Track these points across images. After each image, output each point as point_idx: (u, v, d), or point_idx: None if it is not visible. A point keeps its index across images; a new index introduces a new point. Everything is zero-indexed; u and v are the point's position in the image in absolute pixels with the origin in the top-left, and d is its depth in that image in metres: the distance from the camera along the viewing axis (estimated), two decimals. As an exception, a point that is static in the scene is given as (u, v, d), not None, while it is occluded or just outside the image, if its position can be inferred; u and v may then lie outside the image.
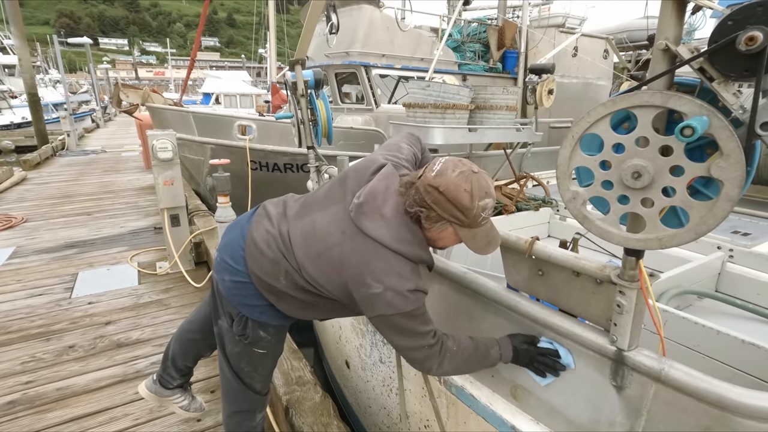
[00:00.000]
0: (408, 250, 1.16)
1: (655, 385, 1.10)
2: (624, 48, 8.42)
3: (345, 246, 1.17)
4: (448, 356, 1.22)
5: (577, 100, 7.51)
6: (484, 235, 1.17)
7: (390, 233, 1.15)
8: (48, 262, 4.16)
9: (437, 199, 1.10)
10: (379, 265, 1.14)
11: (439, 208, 1.11)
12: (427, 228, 1.18)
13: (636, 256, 1.00)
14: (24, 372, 2.53)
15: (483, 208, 1.11)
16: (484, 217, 1.13)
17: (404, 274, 1.14)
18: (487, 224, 1.16)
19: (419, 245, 1.19)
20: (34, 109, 11.01)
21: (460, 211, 1.10)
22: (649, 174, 0.89)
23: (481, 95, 3.71)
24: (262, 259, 1.30)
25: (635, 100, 0.87)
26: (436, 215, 1.13)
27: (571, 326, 1.25)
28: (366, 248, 1.15)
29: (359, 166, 1.32)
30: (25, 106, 14.22)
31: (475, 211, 1.10)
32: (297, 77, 2.39)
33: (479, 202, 1.10)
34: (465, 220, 1.12)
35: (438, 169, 1.12)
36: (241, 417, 1.64)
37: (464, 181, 1.10)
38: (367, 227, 1.15)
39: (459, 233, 1.16)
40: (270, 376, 1.62)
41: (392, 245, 1.14)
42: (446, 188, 1.09)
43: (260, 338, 1.43)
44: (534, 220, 3.57)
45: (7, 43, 23.33)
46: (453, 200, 1.09)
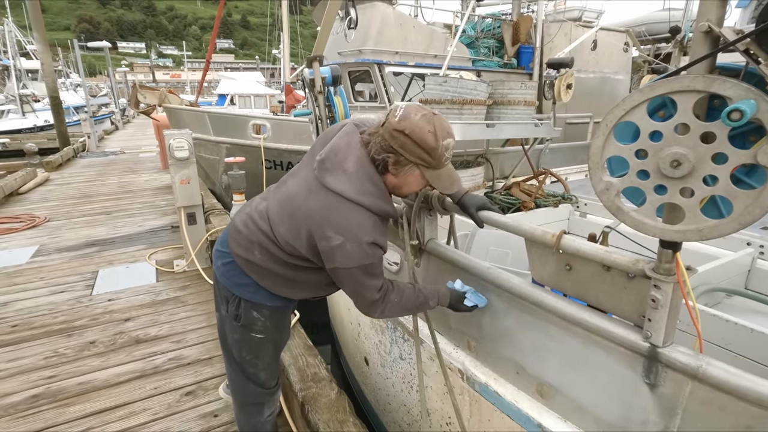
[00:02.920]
0: (371, 202, 1.20)
1: (691, 383, 1.06)
2: (643, 41, 8.23)
3: (310, 201, 1.22)
4: (389, 306, 1.33)
5: (595, 95, 7.36)
6: (448, 175, 1.21)
7: (352, 186, 1.19)
8: (69, 260, 4.24)
9: (404, 143, 1.14)
10: (340, 218, 1.18)
11: (406, 151, 1.15)
12: (395, 173, 1.21)
13: (673, 248, 0.96)
14: (47, 367, 2.58)
15: (446, 147, 1.16)
16: (447, 157, 1.18)
17: (364, 227, 1.19)
18: (449, 164, 1.22)
19: (382, 198, 1.23)
20: (56, 112, 11.27)
21: (426, 152, 1.14)
22: (690, 162, 0.85)
23: (498, 90, 3.66)
24: (239, 237, 1.40)
25: (675, 86, 0.83)
26: (404, 159, 1.16)
27: (601, 322, 1.21)
28: (328, 201, 1.19)
29: (325, 131, 1.39)
30: (47, 109, 14.62)
31: (440, 151, 1.15)
32: (315, 74, 2.38)
33: (443, 141, 1.15)
34: (431, 161, 1.16)
35: (401, 114, 1.15)
36: (248, 411, 1.66)
37: (427, 122, 1.14)
38: (329, 182, 1.20)
39: (426, 175, 1.20)
40: (274, 368, 1.62)
41: (354, 197, 1.18)
42: (411, 131, 1.13)
43: (254, 320, 1.46)
44: (553, 217, 3.51)
45: (30, 49, 23.99)
46: (419, 142, 1.13)
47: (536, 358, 1.42)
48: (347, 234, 1.17)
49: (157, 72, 63.51)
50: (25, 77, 21.45)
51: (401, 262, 2.06)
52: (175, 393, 2.35)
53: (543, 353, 1.40)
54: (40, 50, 10.92)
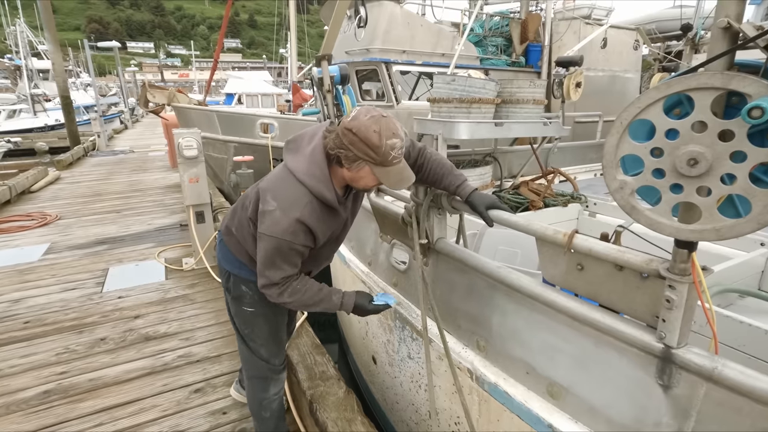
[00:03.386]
0: (312, 183, 1.33)
1: (706, 384, 1.04)
2: (653, 39, 8.13)
3: (272, 171, 1.43)
4: (288, 292, 1.42)
5: (604, 93, 7.29)
6: (397, 173, 1.30)
7: (302, 166, 1.34)
8: (80, 258, 4.29)
9: (352, 140, 1.24)
10: (282, 188, 1.35)
11: (354, 147, 1.25)
12: (348, 168, 1.32)
13: (688, 248, 0.95)
14: (58, 363, 2.61)
15: (391, 146, 1.24)
16: (394, 156, 1.26)
17: (299, 203, 1.32)
18: (399, 164, 1.30)
19: (324, 183, 1.34)
20: (66, 112, 11.40)
21: (371, 149, 1.24)
22: (707, 161, 0.84)
23: (507, 89, 3.64)
24: (228, 217, 1.62)
25: (692, 83, 0.81)
26: (352, 155, 1.27)
27: (613, 322, 1.19)
28: (280, 174, 1.38)
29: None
30: (58, 108, 14.80)
31: (384, 149, 1.24)
32: (323, 73, 2.38)
33: (387, 141, 1.23)
34: (377, 157, 1.25)
35: (353, 115, 1.26)
36: (254, 383, 1.78)
37: (374, 123, 1.24)
38: (287, 160, 1.37)
39: (374, 171, 1.29)
40: (273, 346, 1.73)
41: (299, 176, 1.33)
42: (358, 129, 1.23)
43: (243, 293, 1.63)
44: (562, 216, 3.48)
45: (41, 49, 24.28)
46: (364, 139, 1.23)
47: (547, 358, 1.40)
48: (281, 203, 1.32)
49: (165, 71, 64.00)
50: (37, 77, 21.72)
51: (410, 261, 2.06)
52: (184, 390, 2.37)
53: (554, 353, 1.38)
54: (51, 50, 11.05)
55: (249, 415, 2.19)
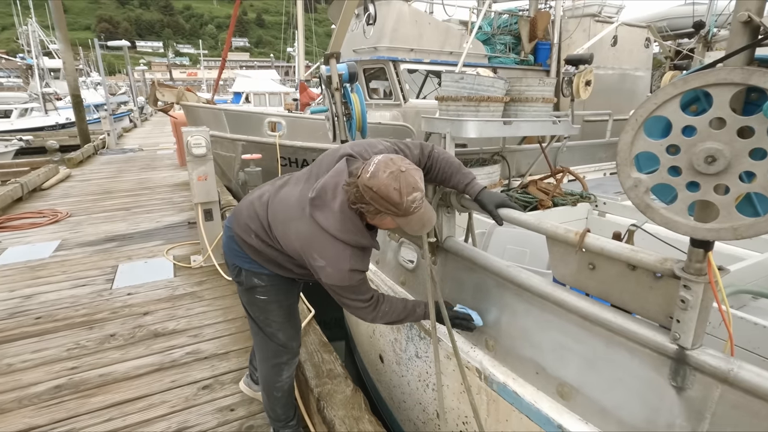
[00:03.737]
0: (349, 238, 1.38)
1: (721, 386, 1.02)
2: (664, 37, 8.02)
3: (302, 223, 1.42)
4: (380, 315, 1.53)
5: (614, 92, 7.21)
6: (418, 219, 1.32)
7: (335, 225, 1.37)
8: (90, 255, 4.33)
9: (372, 196, 1.27)
10: (324, 246, 1.39)
11: (375, 203, 1.28)
12: (370, 219, 1.37)
13: (705, 247, 0.93)
14: (69, 358, 2.64)
15: (412, 201, 1.27)
16: (415, 206, 1.28)
17: (343, 256, 1.38)
18: (420, 210, 1.31)
19: (360, 234, 1.40)
20: (77, 110, 11.52)
21: (392, 205, 1.27)
22: (725, 158, 0.82)
23: (516, 87, 3.61)
24: (240, 219, 1.61)
25: (711, 78, 0.80)
26: (374, 209, 1.30)
27: (625, 323, 1.18)
28: (317, 231, 1.39)
29: (331, 151, 1.55)
30: (68, 107, 14.97)
31: (405, 205, 1.26)
32: (332, 71, 2.38)
33: (407, 197, 1.26)
34: (398, 211, 1.28)
35: (371, 171, 1.27)
36: (269, 369, 1.81)
37: (394, 180, 1.25)
38: (318, 217, 1.38)
39: (396, 220, 1.33)
40: (289, 329, 1.77)
41: (336, 234, 1.37)
42: (378, 188, 1.25)
43: (255, 285, 1.65)
44: (571, 216, 3.45)
45: (52, 48, 24.57)
46: (385, 198, 1.25)
47: (557, 358, 1.39)
48: (328, 260, 1.38)
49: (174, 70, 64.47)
50: (48, 76, 21.98)
51: (417, 259, 2.05)
52: (192, 386, 2.38)
53: (564, 353, 1.37)
54: (62, 50, 11.17)
55: (257, 412, 2.21)
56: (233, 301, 3.34)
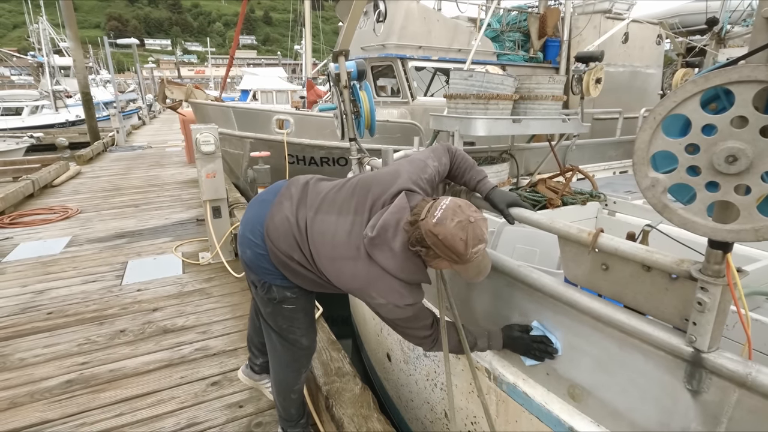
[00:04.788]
0: (409, 278, 1.34)
1: (738, 390, 1.00)
2: (676, 34, 7.90)
3: (358, 264, 1.35)
4: (437, 346, 1.49)
5: (624, 89, 7.12)
6: (475, 266, 1.27)
7: (396, 265, 1.31)
8: (100, 251, 4.38)
9: (436, 242, 1.22)
10: (383, 286, 1.33)
11: (437, 249, 1.23)
12: (426, 261, 1.32)
13: (723, 249, 0.91)
14: (80, 353, 2.67)
15: (475, 252, 1.22)
16: (477, 257, 1.24)
17: (403, 294, 1.34)
18: (478, 257, 1.25)
19: (419, 273, 1.36)
20: (87, 108, 11.62)
21: (455, 255, 1.22)
22: (747, 157, 0.80)
23: (525, 85, 3.57)
24: (278, 241, 1.47)
25: (733, 76, 0.78)
26: (434, 253, 1.25)
27: (639, 324, 1.16)
28: (375, 271, 1.33)
29: (383, 179, 1.44)
30: (78, 104, 15.09)
31: (468, 256, 1.22)
32: (340, 68, 2.37)
33: (472, 249, 1.21)
34: (459, 260, 1.24)
35: (438, 217, 1.21)
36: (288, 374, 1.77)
37: (461, 230, 1.20)
38: (377, 257, 1.32)
39: (453, 266, 1.29)
40: (310, 329, 1.74)
41: (397, 274, 1.32)
42: (444, 237, 1.20)
43: (286, 298, 1.59)
44: (580, 215, 3.42)
45: (63, 46, 24.79)
46: (450, 247, 1.21)
47: (568, 359, 1.38)
48: (388, 298, 1.33)
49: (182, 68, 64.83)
50: (58, 74, 22.19)
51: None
52: (201, 383, 2.40)
53: (575, 355, 1.36)
54: (72, 48, 11.27)
55: (265, 408, 2.21)
56: (241, 298, 3.36)
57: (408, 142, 5.05)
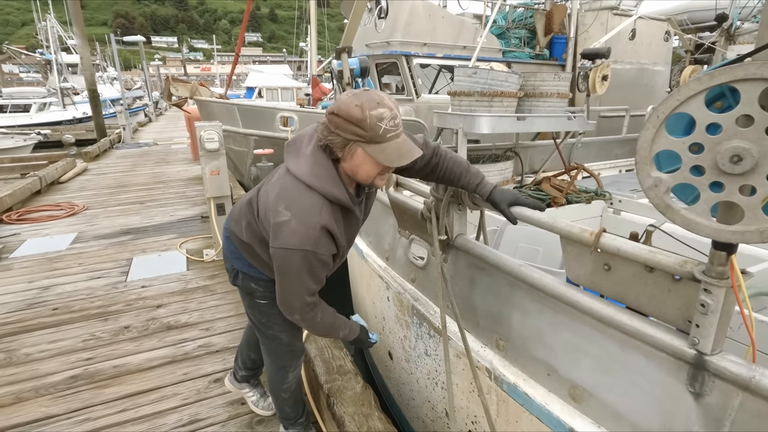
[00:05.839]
0: (319, 184, 1.24)
1: (742, 394, 0.99)
2: (684, 30, 7.80)
3: (275, 180, 1.35)
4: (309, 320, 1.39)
5: (631, 87, 7.05)
6: (395, 148, 1.20)
7: (305, 168, 1.26)
8: (106, 247, 4.41)
9: (336, 122, 1.18)
10: (292, 196, 1.25)
11: (341, 130, 1.18)
12: (342, 157, 1.24)
13: (727, 250, 0.90)
14: (85, 349, 2.69)
15: (378, 117, 1.15)
16: (385, 128, 1.17)
17: (314, 208, 1.23)
18: (396, 139, 1.20)
19: (331, 181, 1.26)
20: (93, 105, 11.69)
21: (356, 125, 1.16)
22: (753, 157, 0.78)
23: (530, 82, 3.55)
24: (234, 212, 1.56)
25: (739, 74, 0.76)
26: (341, 139, 1.19)
27: (641, 326, 1.15)
28: (287, 180, 1.28)
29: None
30: (85, 102, 15.22)
31: (369, 121, 1.15)
32: (343, 65, 2.36)
33: (371, 112, 1.15)
34: (365, 133, 1.16)
35: (337, 99, 1.23)
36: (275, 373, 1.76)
37: (355, 98, 1.17)
38: (289, 164, 1.30)
39: (367, 151, 1.19)
40: (291, 329, 1.69)
41: (305, 179, 1.24)
42: (340, 109, 1.17)
43: (254, 290, 1.58)
44: (585, 214, 3.40)
45: (70, 44, 24.97)
46: (347, 117, 1.16)
47: (569, 360, 1.36)
48: (295, 211, 1.23)
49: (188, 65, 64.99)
50: (66, 71, 22.37)
51: (428, 257, 2.03)
52: (204, 379, 2.41)
53: (577, 355, 1.34)
54: (79, 45, 11.32)
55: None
56: (244, 295, 3.37)
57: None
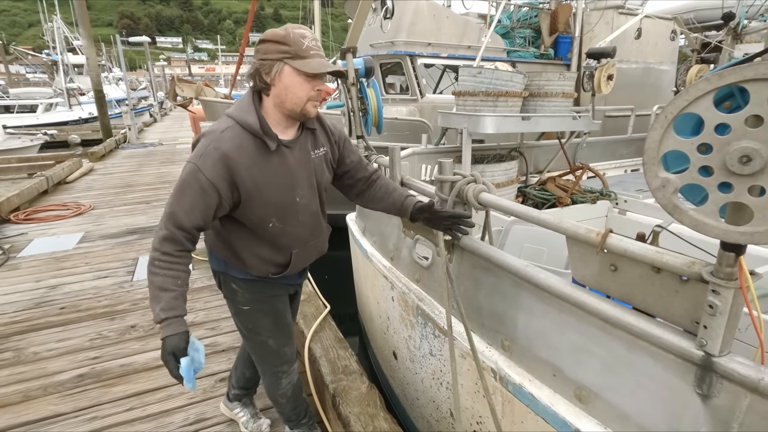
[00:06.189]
0: (234, 111, 1.33)
1: (750, 396, 0.98)
2: (691, 29, 7.75)
3: None
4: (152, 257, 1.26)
5: (637, 86, 7.01)
6: (319, 62, 1.27)
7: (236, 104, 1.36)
8: (112, 247, 4.44)
9: (263, 47, 1.27)
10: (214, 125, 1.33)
11: (267, 54, 1.26)
12: (270, 81, 1.28)
13: (736, 251, 0.89)
14: (92, 348, 2.71)
15: (300, 35, 1.24)
16: (308, 45, 1.25)
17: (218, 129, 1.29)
18: (320, 58, 1.28)
19: (246, 108, 1.32)
20: (99, 105, 11.78)
21: (280, 43, 1.24)
22: (762, 158, 0.78)
23: (535, 82, 3.54)
24: None
25: (749, 73, 0.76)
26: (268, 62, 1.26)
27: (648, 327, 1.14)
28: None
29: None
30: (91, 102, 15.32)
31: (292, 36, 1.24)
32: (348, 66, 2.36)
33: (294, 30, 1.25)
34: (289, 48, 1.24)
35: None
36: (267, 379, 1.73)
37: (280, 28, 1.28)
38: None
39: (293, 65, 1.25)
40: (281, 337, 1.64)
41: (230, 111, 1.34)
42: (266, 35, 1.29)
43: (234, 292, 1.55)
44: (590, 214, 3.38)
45: (76, 44, 25.15)
46: (272, 38, 1.26)
47: (575, 360, 1.36)
48: (209, 133, 1.29)
49: (192, 66, 65.38)
50: (72, 72, 22.52)
51: (432, 257, 2.03)
52: (210, 379, 2.43)
53: (583, 356, 1.34)
54: (85, 46, 11.41)
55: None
56: (249, 294, 3.38)
57: (416, 140, 5.02)
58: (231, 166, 1.24)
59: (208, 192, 1.23)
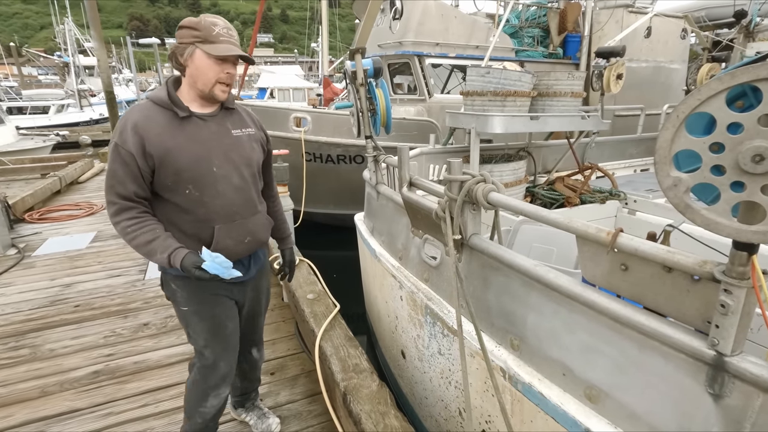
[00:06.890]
0: (150, 94, 1.47)
1: (763, 395, 0.98)
2: (702, 28, 7.66)
3: None
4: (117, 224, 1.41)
5: (647, 85, 6.94)
6: (226, 48, 1.41)
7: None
8: (124, 246, 4.50)
9: (180, 33, 1.41)
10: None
11: (182, 38, 1.40)
12: (185, 63, 1.41)
13: (749, 250, 0.89)
14: (106, 345, 2.76)
15: (212, 23, 1.39)
16: (218, 32, 1.39)
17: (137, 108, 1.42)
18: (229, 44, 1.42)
19: (161, 89, 1.46)
20: (110, 106, 11.89)
21: (192, 29, 1.38)
22: (774, 157, 0.78)
23: (544, 81, 3.53)
24: None
25: (762, 73, 0.76)
26: (182, 45, 1.40)
27: (659, 326, 1.14)
28: None
29: None
30: (102, 103, 15.52)
31: (204, 23, 1.38)
32: (357, 66, 2.38)
33: (206, 18, 1.40)
34: (199, 33, 1.38)
35: None
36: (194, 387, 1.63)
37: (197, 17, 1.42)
38: None
39: (202, 48, 1.38)
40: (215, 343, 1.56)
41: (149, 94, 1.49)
42: (182, 22, 1.42)
43: (174, 291, 1.56)
44: (599, 214, 3.37)
45: (87, 46, 25.49)
46: (187, 24, 1.40)
47: (585, 360, 1.36)
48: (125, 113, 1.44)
49: (201, 67, 65.40)
50: (83, 73, 22.83)
51: (441, 256, 2.04)
52: (220, 376, 2.45)
53: (593, 356, 1.34)
54: (96, 47, 11.52)
55: (283, 403, 2.26)
56: (259, 293, 3.41)
57: (424, 140, 5.03)
58: (141, 134, 1.36)
59: (128, 162, 1.35)
